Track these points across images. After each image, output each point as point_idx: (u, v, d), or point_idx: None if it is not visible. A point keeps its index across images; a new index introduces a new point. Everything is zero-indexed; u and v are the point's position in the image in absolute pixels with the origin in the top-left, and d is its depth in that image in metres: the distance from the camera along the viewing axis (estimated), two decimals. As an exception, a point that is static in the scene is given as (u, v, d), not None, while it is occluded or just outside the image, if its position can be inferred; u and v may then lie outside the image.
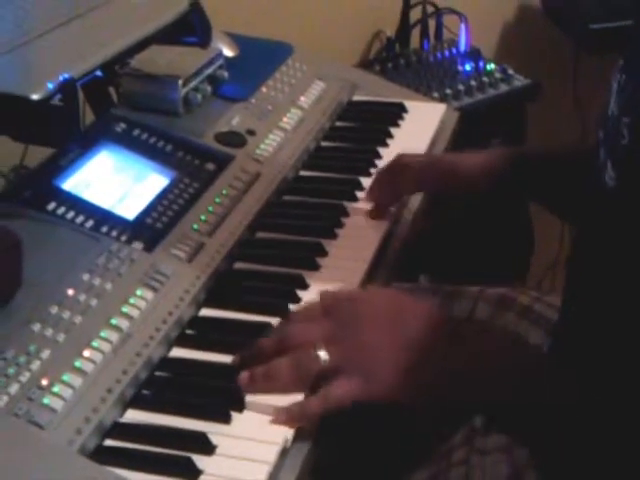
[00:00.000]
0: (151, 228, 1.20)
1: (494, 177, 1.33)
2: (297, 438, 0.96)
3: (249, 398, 0.99)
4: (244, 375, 1.00)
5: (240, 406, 0.98)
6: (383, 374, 0.97)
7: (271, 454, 0.92)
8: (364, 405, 0.98)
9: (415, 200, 1.42)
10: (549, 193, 1.36)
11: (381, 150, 1.52)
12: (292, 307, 1.14)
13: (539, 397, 0.96)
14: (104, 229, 1.16)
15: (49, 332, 0.99)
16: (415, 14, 2.41)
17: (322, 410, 0.97)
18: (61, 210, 1.17)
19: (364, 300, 1.06)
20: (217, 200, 1.29)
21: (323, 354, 0.98)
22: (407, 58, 2.31)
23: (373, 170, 1.46)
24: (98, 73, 1.34)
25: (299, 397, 0.99)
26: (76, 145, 1.27)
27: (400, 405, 1.00)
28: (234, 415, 0.97)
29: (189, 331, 1.11)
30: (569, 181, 1.27)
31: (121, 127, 1.35)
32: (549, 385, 0.97)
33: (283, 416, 0.96)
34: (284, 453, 0.94)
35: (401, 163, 1.36)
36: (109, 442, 0.94)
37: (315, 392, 0.98)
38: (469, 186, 1.33)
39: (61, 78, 1.15)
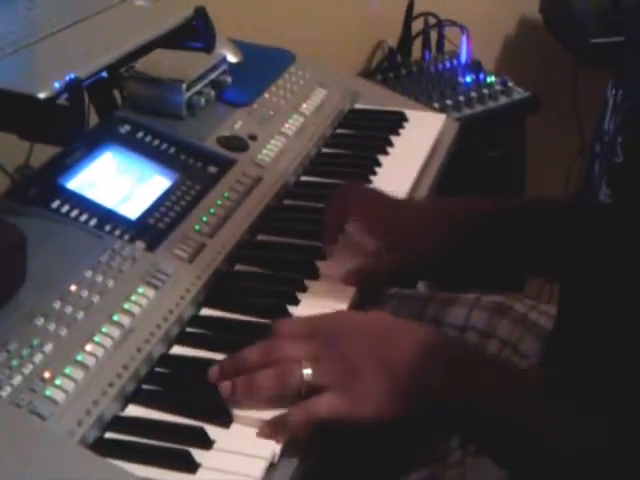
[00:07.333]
0: (153, 228, 1.21)
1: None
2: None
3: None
4: (226, 385, 0.99)
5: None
6: (368, 395, 0.97)
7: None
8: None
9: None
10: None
11: (381, 158, 1.54)
12: (291, 309, 1.15)
13: (534, 429, 0.96)
14: (107, 228, 1.18)
15: (52, 326, 1.00)
16: (417, 25, 2.44)
17: (304, 421, 0.96)
18: (65, 208, 1.18)
19: (353, 321, 1.06)
20: (219, 202, 1.31)
21: (308, 371, 0.98)
22: (408, 68, 2.34)
23: (372, 177, 1.48)
24: (103, 74, 1.35)
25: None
26: (81, 145, 1.29)
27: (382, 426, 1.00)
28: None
29: (189, 329, 1.12)
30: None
31: (125, 129, 1.37)
32: (547, 424, 0.96)
33: (267, 428, 0.96)
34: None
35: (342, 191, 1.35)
36: (109, 435, 0.95)
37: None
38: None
39: (67, 78, 1.17)
